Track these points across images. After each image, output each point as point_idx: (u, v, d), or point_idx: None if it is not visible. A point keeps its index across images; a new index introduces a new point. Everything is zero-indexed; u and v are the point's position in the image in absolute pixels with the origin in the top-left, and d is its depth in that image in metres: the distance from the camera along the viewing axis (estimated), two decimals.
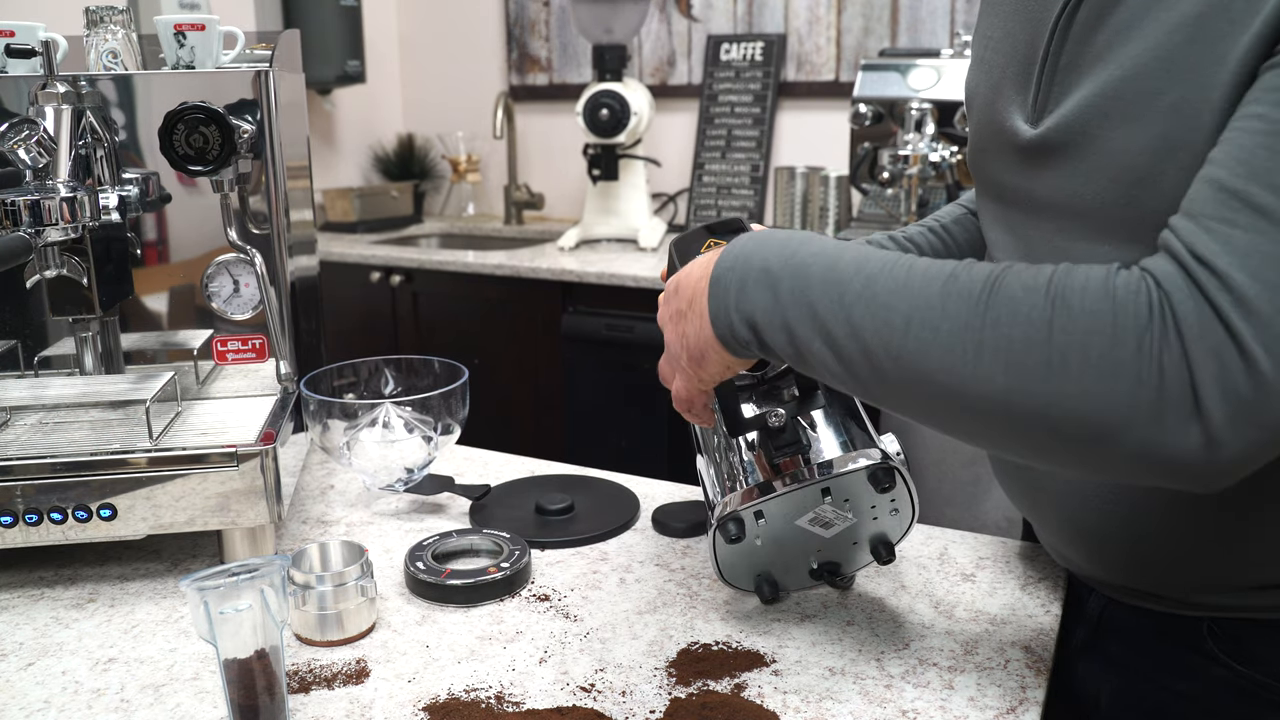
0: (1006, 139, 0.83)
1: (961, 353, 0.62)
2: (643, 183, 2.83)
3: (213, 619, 0.68)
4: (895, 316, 0.64)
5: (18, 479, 0.91)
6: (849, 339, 0.66)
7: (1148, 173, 0.68)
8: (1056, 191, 0.76)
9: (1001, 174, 0.85)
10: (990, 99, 0.87)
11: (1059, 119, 0.75)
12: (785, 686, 0.78)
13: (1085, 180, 0.73)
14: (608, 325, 2.45)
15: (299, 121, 1.27)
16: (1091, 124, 0.72)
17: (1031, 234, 0.81)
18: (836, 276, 0.68)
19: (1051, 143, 0.76)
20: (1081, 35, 0.74)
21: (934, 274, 0.65)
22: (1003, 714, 0.75)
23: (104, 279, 1.00)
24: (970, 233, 1.08)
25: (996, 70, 0.86)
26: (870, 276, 0.67)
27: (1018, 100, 0.81)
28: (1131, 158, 0.69)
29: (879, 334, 0.65)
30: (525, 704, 0.76)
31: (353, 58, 3.00)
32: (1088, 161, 0.73)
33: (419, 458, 1.10)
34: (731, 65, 2.90)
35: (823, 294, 0.68)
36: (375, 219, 3.13)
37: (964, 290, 0.63)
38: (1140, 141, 0.68)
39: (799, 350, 0.69)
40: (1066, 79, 0.75)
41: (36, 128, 0.94)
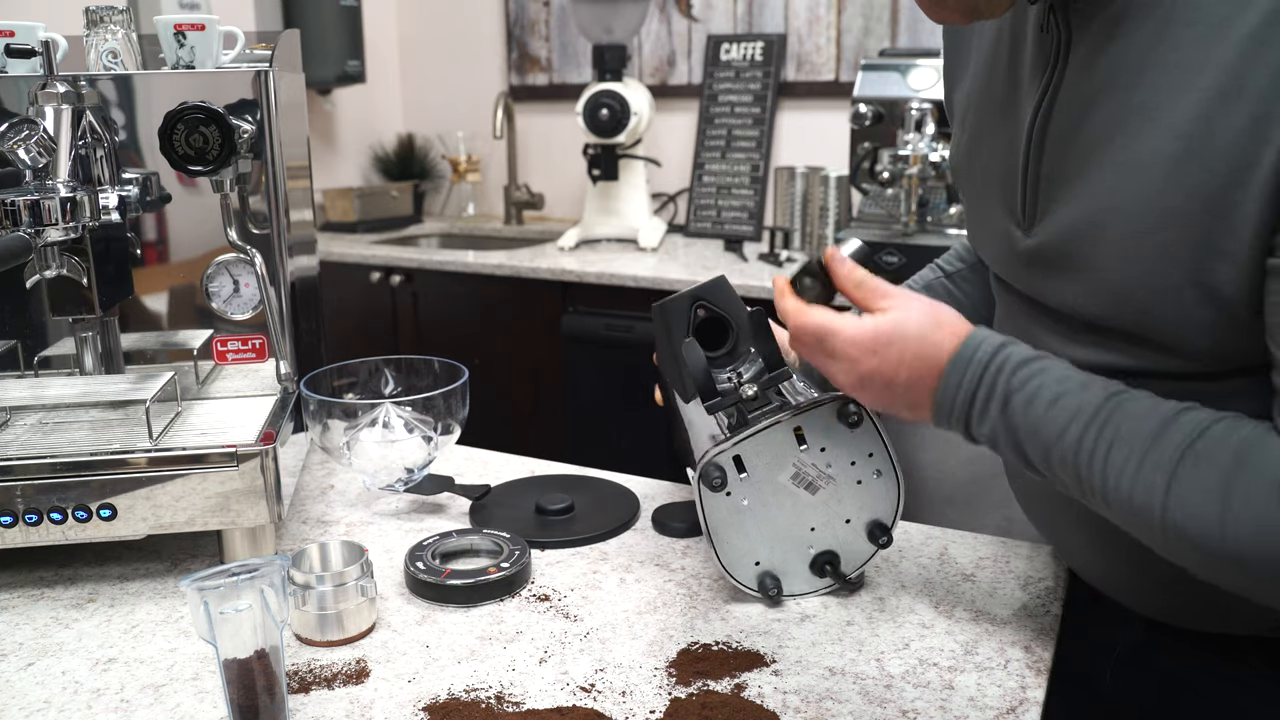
0: (1001, 242, 0.83)
1: (1210, 517, 0.64)
2: (643, 183, 2.83)
3: (213, 619, 0.68)
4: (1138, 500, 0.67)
5: (18, 479, 0.91)
6: (1092, 494, 0.70)
7: (1145, 303, 0.69)
8: (1055, 299, 0.78)
9: (1003, 271, 0.86)
10: (978, 197, 0.88)
11: (1050, 235, 0.76)
12: (785, 686, 0.78)
13: (1084, 297, 0.74)
14: (608, 325, 2.45)
15: (299, 121, 1.27)
16: (1082, 245, 0.73)
17: (1031, 327, 0.82)
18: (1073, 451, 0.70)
19: (1045, 256, 0.77)
20: (1058, 148, 0.75)
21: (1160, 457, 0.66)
22: (1003, 714, 0.75)
23: (104, 279, 1.00)
24: (941, 299, 1.08)
25: (981, 160, 0.87)
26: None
27: (1005, 205, 0.82)
28: (1127, 287, 0.70)
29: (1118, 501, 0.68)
30: (525, 704, 0.76)
31: (353, 58, 3.00)
32: (1083, 281, 0.74)
33: (419, 458, 1.10)
34: (731, 65, 2.90)
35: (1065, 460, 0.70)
36: (375, 219, 3.13)
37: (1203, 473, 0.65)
38: (1134, 274, 0.69)
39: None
40: (1051, 189, 0.76)
41: (36, 128, 0.94)
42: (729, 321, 0.95)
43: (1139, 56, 0.68)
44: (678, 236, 2.92)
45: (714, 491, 0.86)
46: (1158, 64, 0.67)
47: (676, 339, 0.94)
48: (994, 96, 0.84)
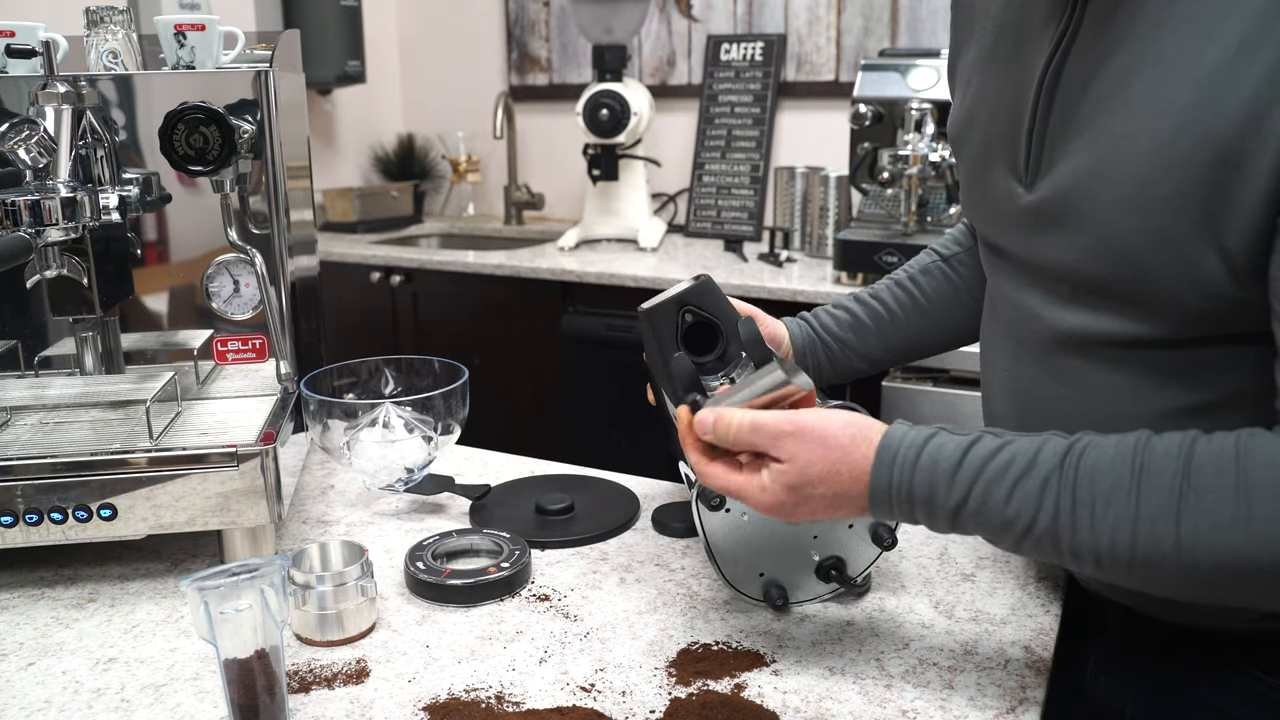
0: (1000, 199, 0.83)
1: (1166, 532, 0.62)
2: (643, 183, 2.83)
3: (213, 619, 0.68)
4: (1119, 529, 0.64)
5: (18, 479, 0.91)
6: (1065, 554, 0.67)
7: (1144, 259, 0.68)
8: (1050, 259, 0.76)
9: (998, 235, 0.85)
10: (979, 159, 0.87)
11: (1053, 188, 0.75)
12: (785, 686, 0.78)
13: (1080, 254, 0.73)
14: (608, 325, 2.45)
15: (299, 121, 1.27)
16: (1085, 198, 0.72)
17: (1017, 296, 0.82)
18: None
19: (1046, 211, 0.76)
20: (1068, 99, 0.74)
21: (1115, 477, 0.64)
22: (1003, 714, 0.75)
23: (104, 279, 1.00)
24: (938, 282, 1.08)
25: (981, 124, 0.86)
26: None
27: (1007, 160, 0.81)
28: (1127, 241, 0.69)
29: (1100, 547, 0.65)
30: (525, 704, 0.76)
31: (353, 58, 3.00)
32: (1083, 235, 0.73)
33: (419, 458, 1.10)
34: (731, 65, 2.90)
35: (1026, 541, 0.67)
36: (375, 219, 3.13)
37: (1157, 483, 0.63)
38: (1136, 228, 0.68)
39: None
40: (1056, 143, 0.75)
41: (37, 128, 0.94)
42: (718, 326, 0.94)
43: (1159, 7, 0.67)
44: (678, 236, 2.92)
45: (713, 510, 0.85)
46: (1178, 13, 0.66)
47: (666, 345, 0.93)
48: (1001, 55, 0.83)
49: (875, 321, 1.09)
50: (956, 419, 1.96)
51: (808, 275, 2.33)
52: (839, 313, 1.10)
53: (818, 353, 1.08)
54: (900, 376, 2.03)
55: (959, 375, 1.98)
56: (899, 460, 0.69)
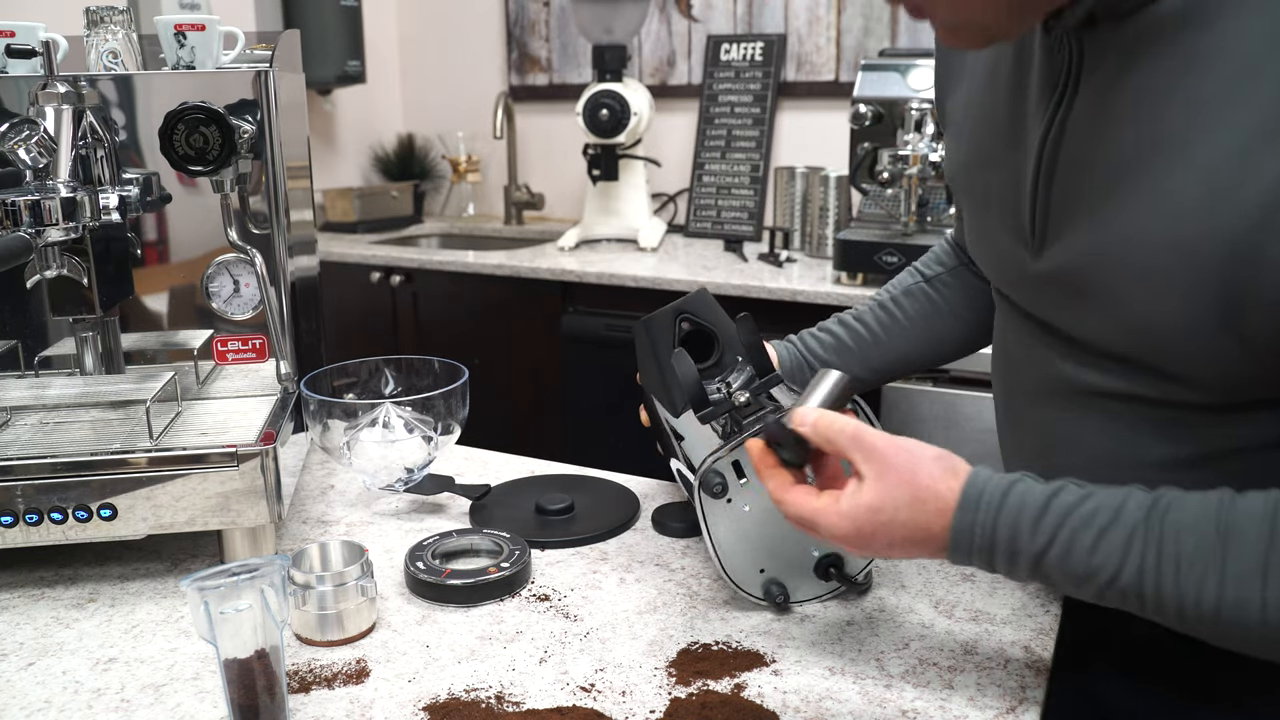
0: (1007, 260, 0.82)
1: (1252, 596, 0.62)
2: (643, 183, 2.83)
3: (213, 619, 0.68)
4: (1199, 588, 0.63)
5: (18, 479, 0.91)
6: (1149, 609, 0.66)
7: (1160, 337, 0.68)
8: (1070, 326, 0.76)
9: (1009, 290, 0.85)
10: (980, 214, 0.86)
11: (1061, 261, 0.74)
12: (785, 686, 0.78)
13: (1093, 325, 0.73)
14: (608, 325, 2.45)
15: (299, 121, 1.27)
16: (1094, 277, 0.71)
17: (1030, 344, 0.82)
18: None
19: (1055, 281, 0.75)
20: (1070, 175, 0.73)
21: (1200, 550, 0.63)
22: (1003, 714, 0.75)
23: (104, 279, 1.00)
24: (920, 303, 1.09)
25: (979, 179, 0.85)
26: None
27: (1011, 225, 0.80)
28: (1141, 321, 0.69)
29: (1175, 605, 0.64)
30: (525, 704, 0.76)
31: (353, 58, 3.00)
32: (1094, 309, 0.72)
33: (419, 458, 1.10)
34: (731, 65, 2.90)
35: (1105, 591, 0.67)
36: (375, 219, 3.13)
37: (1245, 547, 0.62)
38: (1150, 311, 0.68)
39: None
40: (1061, 218, 0.74)
41: (37, 128, 0.94)
42: (714, 333, 0.95)
43: (1163, 87, 0.66)
44: (678, 236, 2.92)
45: (715, 498, 0.86)
46: (1184, 97, 0.65)
47: (663, 353, 0.94)
48: (996, 111, 0.82)
49: (858, 343, 1.09)
50: (956, 419, 1.96)
51: (808, 275, 2.33)
52: (823, 335, 1.11)
53: (804, 374, 1.09)
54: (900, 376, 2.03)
55: (959, 375, 1.97)
56: (984, 501, 0.67)
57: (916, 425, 2.00)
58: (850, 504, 0.70)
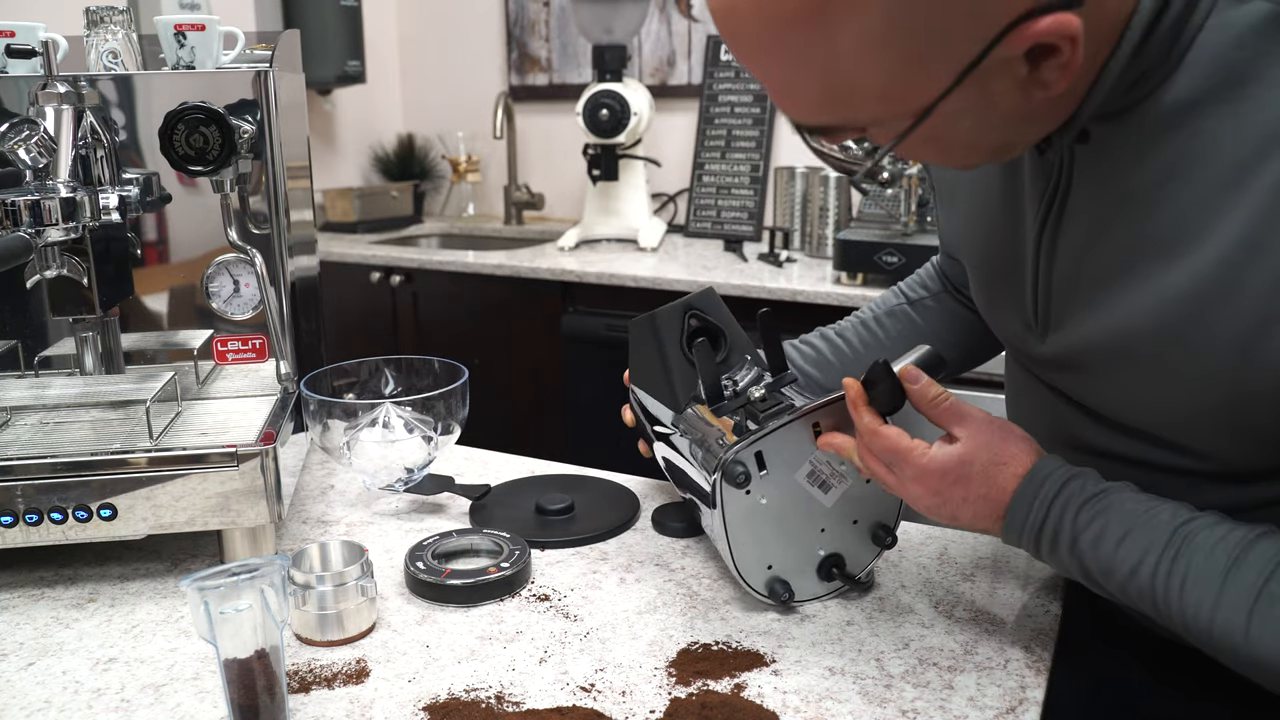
0: (1016, 338, 0.84)
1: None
2: (643, 183, 2.83)
3: (213, 619, 0.68)
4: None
5: (18, 479, 0.91)
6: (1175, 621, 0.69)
7: (1180, 420, 0.70)
8: (1083, 398, 0.77)
9: (1021, 359, 0.86)
10: (984, 285, 0.87)
11: (1067, 347, 0.76)
12: (785, 686, 0.78)
13: (1105, 402, 0.75)
14: (608, 325, 2.45)
15: (299, 121, 1.27)
16: (1102, 365, 0.73)
17: (1057, 412, 0.82)
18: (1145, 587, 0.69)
19: (1065, 363, 0.77)
20: (1068, 267, 0.74)
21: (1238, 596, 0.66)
22: (1002, 714, 0.75)
23: (104, 279, 1.00)
24: (902, 325, 1.10)
25: (978, 253, 0.87)
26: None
27: (1015, 306, 0.82)
28: (1160, 405, 0.70)
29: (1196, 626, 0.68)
30: (525, 704, 0.76)
31: (353, 58, 3.00)
32: (1106, 390, 0.74)
33: (419, 458, 1.10)
34: (731, 65, 2.90)
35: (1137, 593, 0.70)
36: (375, 219, 3.13)
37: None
38: (1159, 399, 0.69)
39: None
40: (1063, 306, 0.75)
41: (37, 128, 0.94)
42: (722, 331, 0.96)
43: (1153, 187, 0.67)
44: (678, 236, 2.92)
45: (738, 488, 0.85)
46: (1174, 199, 0.65)
47: (669, 348, 0.94)
48: (988, 189, 0.83)
49: (839, 358, 1.10)
50: None
51: (808, 275, 2.33)
52: (805, 347, 1.12)
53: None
54: None
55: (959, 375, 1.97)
56: (1049, 480, 0.73)
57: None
58: (941, 452, 0.75)
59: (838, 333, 1.12)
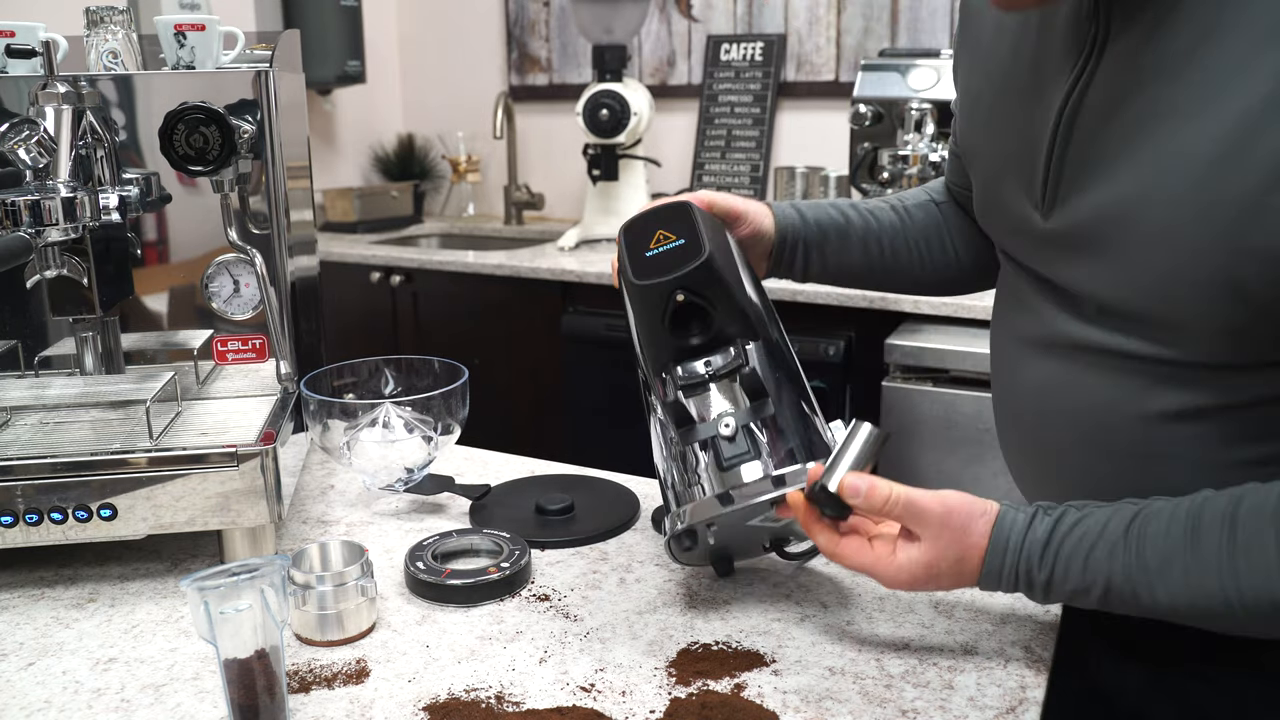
0: (1016, 223, 0.84)
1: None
2: (643, 183, 2.83)
3: (213, 619, 0.68)
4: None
5: (18, 479, 0.91)
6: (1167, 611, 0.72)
7: (1169, 292, 0.70)
8: (1076, 284, 0.78)
9: (1016, 251, 0.86)
10: (992, 177, 0.88)
11: (1071, 220, 0.77)
12: (785, 686, 0.78)
13: (1102, 281, 0.75)
14: (608, 325, 2.45)
15: (299, 121, 1.27)
16: (1106, 234, 0.74)
17: (1040, 304, 0.83)
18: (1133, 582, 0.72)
19: (1065, 240, 0.78)
20: (1087, 135, 0.75)
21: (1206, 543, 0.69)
22: (1002, 714, 0.75)
23: (104, 279, 1.00)
24: (930, 218, 1.08)
25: (994, 144, 0.87)
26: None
27: (1021, 184, 0.82)
28: (1151, 276, 0.71)
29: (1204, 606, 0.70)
30: (525, 704, 0.76)
31: (353, 58, 3.00)
32: (1104, 266, 0.75)
33: (419, 458, 1.10)
34: (731, 65, 2.90)
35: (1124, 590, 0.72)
36: (375, 219, 3.13)
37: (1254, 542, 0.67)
38: (1160, 266, 0.70)
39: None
40: (1074, 176, 0.76)
41: (37, 128, 0.94)
42: (711, 312, 0.86)
43: (1183, 54, 0.68)
44: None
45: (685, 551, 0.87)
46: (1202, 64, 0.67)
47: (649, 322, 0.87)
48: (1017, 80, 0.84)
49: (863, 240, 1.05)
50: (956, 419, 1.96)
51: None
52: (834, 212, 1.05)
53: (798, 250, 1.04)
54: (900, 376, 2.03)
55: (959, 375, 1.98)
56: (1009, 546, 0.75)
57: (917, 425, 2.00)
58: (906, 559, 0.76)
59: (870, 210, 1.07)
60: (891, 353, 2.01)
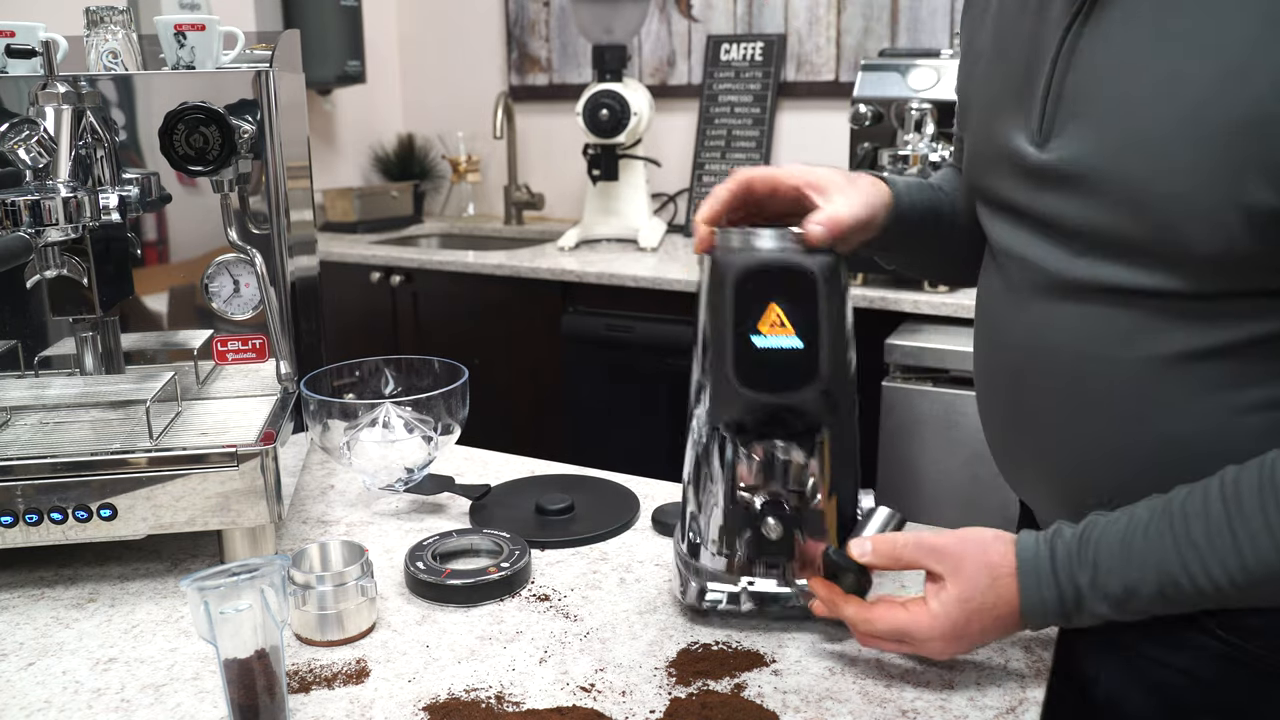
0: (1010, 158, 0.83)
1: None
2: (643, 183, 2.83)
3: (213, 619, 0.68)
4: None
5: (18, 479, 0.91)
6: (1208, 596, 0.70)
7: (1163, 216, 0.70)
8: (1070, 217, 0.78)
9: (1007, 191, 0.86)
10: (988, 114, 0.87)
11: (1066, 150, 0.76)
12: (785, 686, 0.78)
13: (1096, 210, 0.75)
14: (608, 325, 2.45)
15: (299, 121, 1.27)
16: (1102, 162, 0.74)
17: (1023, 248, 0.82)
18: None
19: (1062, 171, 0.77)
20: (1085, 64, 0.76)
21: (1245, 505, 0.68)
22: (1002, 714, 0.75)
23: (104, 279, 1.00)
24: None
25: (995, 82, 0.87)
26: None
27: (1016, 118, 0.82)
28: (1146, 201, 0.71)
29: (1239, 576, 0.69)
30: (525, 704, 0.76)
31: (353, 58, 3.00)
32: (1099, 195, 0.74)
33: (419, 458, 1.10)
34: (731, 65, 2.90)
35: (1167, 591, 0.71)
36: (375, 219, 3.13)
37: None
38: (1157, 190, 0.70)
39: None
40: (1073, 105, 0.76)
41: (37, 128, 0.94)
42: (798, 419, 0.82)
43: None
44: (678, 236, 2.92)
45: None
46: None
47: (733, 402, 0.82)
48: (1021, 25, 0.85)
49: (937, 226, 1.00)
50: (956, 419, 1.96)
51: None
52: (929, 198, 0.99)
53: (925, 228, 0.96)
54: (900, 377, 2.03)
55: (959, 375, 1.98)
56: (1039, 553, 0.74)
57: (917, 425, 2.00)
58: (939, 603, 0.75)
59: (950, 198, 1.02)
60: (891, 353, 2.01)
